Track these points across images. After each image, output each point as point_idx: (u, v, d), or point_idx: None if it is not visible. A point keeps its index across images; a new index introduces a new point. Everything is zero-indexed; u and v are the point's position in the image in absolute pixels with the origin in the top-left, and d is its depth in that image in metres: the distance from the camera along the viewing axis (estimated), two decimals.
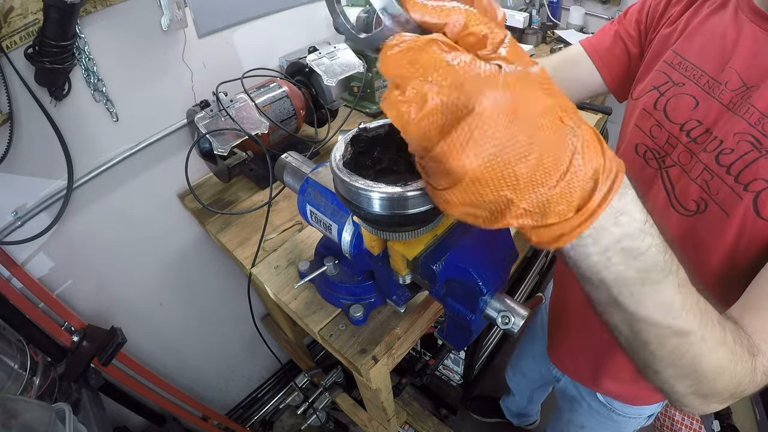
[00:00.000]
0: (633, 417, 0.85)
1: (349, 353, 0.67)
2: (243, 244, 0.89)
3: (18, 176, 0.81)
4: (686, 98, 0.53)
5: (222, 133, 0.86)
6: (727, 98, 0.49)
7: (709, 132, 0.50)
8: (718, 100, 0.50)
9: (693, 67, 0.54)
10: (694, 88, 0.53)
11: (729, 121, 0.48)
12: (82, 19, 0.78)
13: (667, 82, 0.56)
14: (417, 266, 0.50)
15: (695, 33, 0.55)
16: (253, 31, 1.11)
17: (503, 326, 0.48)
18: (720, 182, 0.48)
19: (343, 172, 0.44)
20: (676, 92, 0.55)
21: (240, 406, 1.69)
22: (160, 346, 1.26)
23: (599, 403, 0.86)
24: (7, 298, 0.80)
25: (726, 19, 0.52)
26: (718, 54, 0.51)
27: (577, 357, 0.86)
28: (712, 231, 0.50)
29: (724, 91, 0.50)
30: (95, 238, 0.98)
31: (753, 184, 0.45)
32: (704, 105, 0.52)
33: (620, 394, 0.80)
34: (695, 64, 0.53)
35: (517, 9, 1.88)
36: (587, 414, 0.91)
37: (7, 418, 0.59)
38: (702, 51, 0.53)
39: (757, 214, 0.45)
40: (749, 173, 0.45)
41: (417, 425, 1.47)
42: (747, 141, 0.46)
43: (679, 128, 0.54)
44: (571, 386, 0.93)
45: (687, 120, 0.53)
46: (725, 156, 0.48)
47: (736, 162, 0.47)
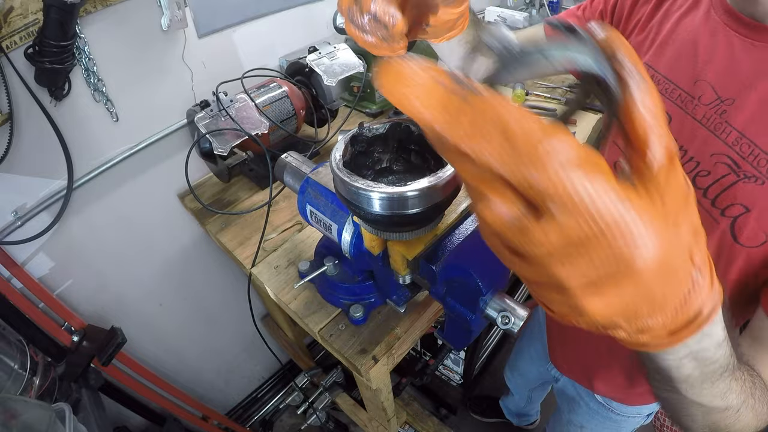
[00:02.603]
0: (632, 416, 0.85)
1: (349, 353, 0.67)
2: (243, 244, 0.89)
3: (18, 176, 0.81)
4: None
5: (222, 133, 0.86)
6: (701, 113, 0.47)
7: (684, 151, 0.48)
8: (691, 116, 0.48)
9: (665, 81, 0.51)
10: (668, 103, 0.50)
11: (705, 140, 0.46)
12: (82, 19, 0.78)
13: None
14: (417, 266, 0.50)
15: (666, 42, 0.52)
16: (253, 31, 1.11)
17: (503, 326, 0.48)
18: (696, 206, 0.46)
19: (343, 172, 0.44)
20: None
21: (240, 406, 1.69)
22: (160, 346, 1.26)
23: (597, 404, 0.86)
24: (7, 298, 0.80)
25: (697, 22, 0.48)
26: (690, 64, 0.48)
27: (574, 359, 0.86)
28: None
29: (698, 105, 0.47)
30: (95, 238, 0.98)
31: (730, 209, 0.44)
32: (677, 121, 0.49)
33: (616, 396, 0.81)
34: (667, 77, 0.51)
35: (517, 9, 1.88)
36: (586, 414, 0.92)
37: (7, 418, 0.59)
38: (674, 62, 0.50)
39: (735, 240, 0.44)
40: (726, 198, 0.44)
41: (417, 425, 1.47)
42: (724, 163, 0.44)
43: None
44: (570, 386, 0.93)
45: None
46: (702, 178, 0.46)
47: (713, 185, 0.45)
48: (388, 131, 0.50)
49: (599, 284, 0.18)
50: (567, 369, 0.91)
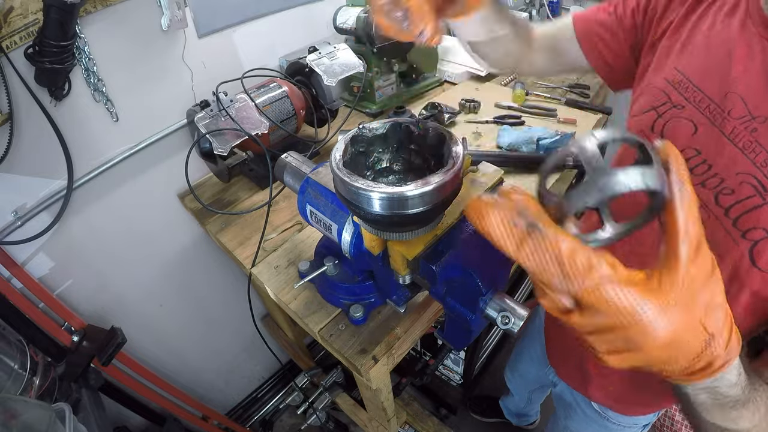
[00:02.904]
0: (628, 427, 0.83)
1: (349, 353, 0.67)
2: (243, 244, 0.89)
3: (18, 176, 0.81)
4: (685, 123, 0.48)
5: (222, 133, 0.86)
6: (729, 128, 0.44)
7: (709, 166, 0.46)
8: (719, 129, 0.45)
9: (694, 89, 0.49)
10: (695, 112, 0.48)
11: (732, 157, 0.44)
12: (82, 19, 0.78)
13: (665, 102, 0.51)
14: (417, 266, 0.50)
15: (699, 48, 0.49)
16: (253, 31, 1.11)
17: (503, 326, 0.48)
18: (717, 223, 0.45)
19: (343, 172, 0.44)
20: (675, 114, 0.50)
21: (240, 406, 1.69)
22: (160, 346, 1.26)
23: (594, 411, 0.85)
24: (7, 298, 0.80)
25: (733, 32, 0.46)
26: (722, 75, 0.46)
27: (571, 364, 0.85)
28: None
29: (727, 119, 0.45)
30: (95, 238, 0.98)
31: (752, 233, 0.42)
32: (704, 132, 0.47)
33: (614, 405, 0.79)
34: (697, 84, 0.48)
35: (517, 9, 1.88)
36: (582, 421, 0.90)
37: (7, 418, 0.59)
38: (705, 70, 0.48)
39: (753, 264, 0.43)
40: (749, 220, 0.42)
41: (417, 425, 1.47)
42: (750, 184, 0.42)
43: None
44: (567, 392, 0.92)
45: (684, 147, 0.48)
46: (724, 197, 0.44)
47: (736, 205, 0.43)
48: (388, 131, 0.50)
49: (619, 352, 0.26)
50: (564, 373, 0.90)
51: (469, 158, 0.58)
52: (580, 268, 0.24)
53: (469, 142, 1.16)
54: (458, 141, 0.47)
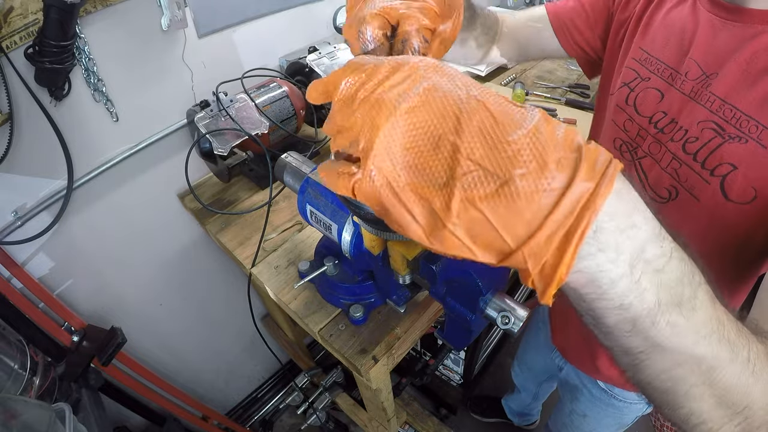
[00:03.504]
0: (634, 403, 0.84)
1: (349, 353, 0.67)
2: (243, 244, 0.89)
3: (18, 176, 0.81)
4: (652, 92, 0.56)
5: (222, 133, 0.86)
6: (688, 88, 0.51)
7: (675, 122, 0.53)
8: (680, 91, 0.52)
9: (656, 61, 0.56)
10: (659, 81, 0.55)
11: (692, 110, 0.50)
12: (82, 19, 0.78)
13: (635, 78, 0.59)
14: (417, 266, 0.50)
15: (658, 28, 0.57)
16: (253, 31, 1.11)
17: (503, 326, 0.48)
18: (688, 169, 0.50)
19: None
20: (644, 87, 0.57)
21: (240, 406, 1.69)
22: (160, 346, 1.26)
23: (600, 390, 0.86)
24: (7, 298, 0.80)
25: (685, 12, 0.54)
26: (678, 46, 0.53)
27: (575, 340, 0.86)
28: (684, 217, 0.52)
29: (685, 81, 0.52)
30: (95, 238, 0.98)
31: (719, 169, 0.47)
32: (668, 96, 0.54)
33: (616, 381, 0.80)
34: (658, 57, 0.56)
35: (517, 9, 1.88)
36: (589, 402, 0.92)
37: (7, 418, 0.59)
38: (664, 45, 0.55)
39: (726, 197, 0.47)
40: (714, 159, 0.47)
41: (417, 425, 1.47)
42: (710, 128, 0.48)
43: (648, 121, 0.57)
44: (573, 374, 0.93)
45: (654, 112, 0.56)
46: (691, 144, 0.50)
47: (702, 149, 0.49)
48: None
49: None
50: (569, 353, 0.91)
51: None
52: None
53: None
54: None
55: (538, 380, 1.32)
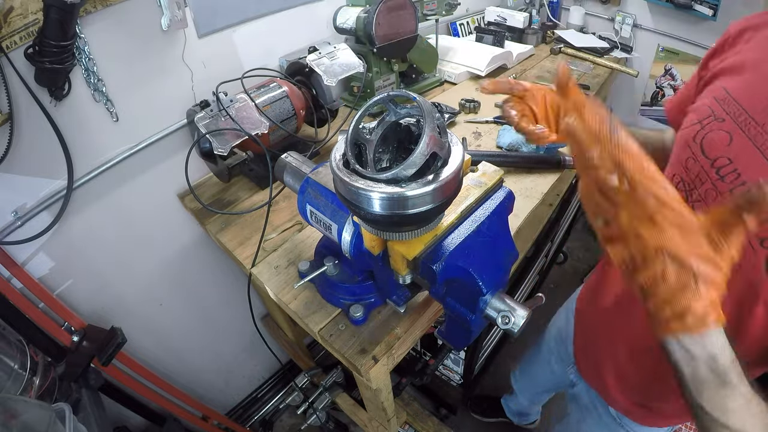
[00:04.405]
0: None
1: (349, 353, 0.67)
2: (243, 244, 0.89)
3: (18, 176, 0.81)
4: (722, 134, 0.52)
5: (222, 133, 0.86)
6: (761, 141, 0.47)
7: (738, 174, 0.49)
8: (752, 141, 0.48)
9: (735, 104, 0.52)
10: (732, 125, 0.51)
11: (760, 167, 0.46)
12: (82, 19, 0.78)
13: (709, 116, 0.55)
14: (417, 266, 0.50)
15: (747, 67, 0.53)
16: (253, 31, 1.11)
17: (503, 326, 0.48)
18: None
19: (343, 172, 0.44)
20: (715, 127, 0.53)
21: (240, 406, 1.69)
22: (160, 346, 1.26)
23: (610, 417, 0.84)
24: (7, 298, 0.80)
25: None
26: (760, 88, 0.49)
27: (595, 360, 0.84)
28: None
29: (760, 132, 0.48)
30: (95, 238, 0.98)
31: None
32: (738, 143, 0.50)
33: (631, 411, 0.79)
34: (737, 100, 0.51)
35: (517, 9, 1.88)
36: (596, 426, 0.90)
37: (7, 418, 0.59)
38: (748, 88, 0.51)
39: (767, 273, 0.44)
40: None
41: (417, 425, 1.47)
42: None
43: (710, 164, 0.53)
44: (585, 394, 0.91)
45: (719, 156, 0.51)
46: None
47: None
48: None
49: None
50: (587, 373, 0.89)
51: (469, 158, 0.58)
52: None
53: (469, 142, 1.16)
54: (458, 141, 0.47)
55: (537, 391, 1.31)
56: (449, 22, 1.81)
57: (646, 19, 1.77)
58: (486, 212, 0.53)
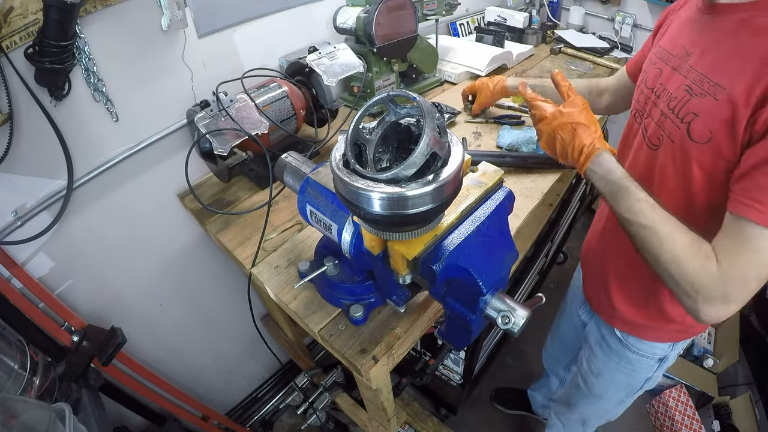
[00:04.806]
0: (645, 356, 0.92)
1: (349, 353, 0.67)
2: (243, 244, 0.89)
3: (18, 176, 0.81)
4: (655, 70, 0.75)
5: (222, 133, 0.86)
6: (675, 64, 0.69)
7: (665, 89, 0.70)
8: (671, 67, 0.70)
9: (662, 50, 0.75)
10: (661, 63, 0.74)
11: (676, 79, 0.68)
12: (82, 19, 0.78)
13: (649, 64, 0.78)
14: (417, 266, 0.50)
15: (670, 28, 0.78)
16: (253, 31, 1.11)
17: (503, 326, 0.48)
18: (669, 121, 0.67)
19: (343, 172, 0.44)
20: (651, 68, 0.76)
21: (240, 406, 1.69)
22: (160, 346, 1.26)
23: (616, 340, 0.94)
24: (7, 298, 0.80)
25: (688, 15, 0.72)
26: (677, 37, 0.72)
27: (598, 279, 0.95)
28: (667, 157, 0.68)
29: (675, 59, 0.70)
30: (95, 238, 0.98)
31: (686, 117, 0.63)
32: (664, 72, 0.72)
33: (632, 321, 0.88)
34: (663, 47, 0.75)
35: (517, 9, 1.88)
36: (604, 356, 0.99)
37: (7, 418, 0.59)
38: (670, 39, 0.75)
39: (690, 138, 0.63)
40: (684, 110, 0.64)
41: (417, 425, 1.47)
42: (684, 89, 0.65)
43: (651, 91, 0.75)
44: (595, 328, 1.01)
45: (655, 85, 0.74)
46: (672, 102, 0.67)
47: (677, 105, 0.66)
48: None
49: (538, 121, 0.75)
50: (593, 300, 1.00)
51: (469, 158, 0.58)
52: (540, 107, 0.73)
53: (469, 142, 1.16)
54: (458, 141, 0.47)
55: (567, 358, 1.35)
56: (449, 22, 1.81)
57: (646, 19, 1.78)
58: (486, 212, 0.53)
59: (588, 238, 1.05)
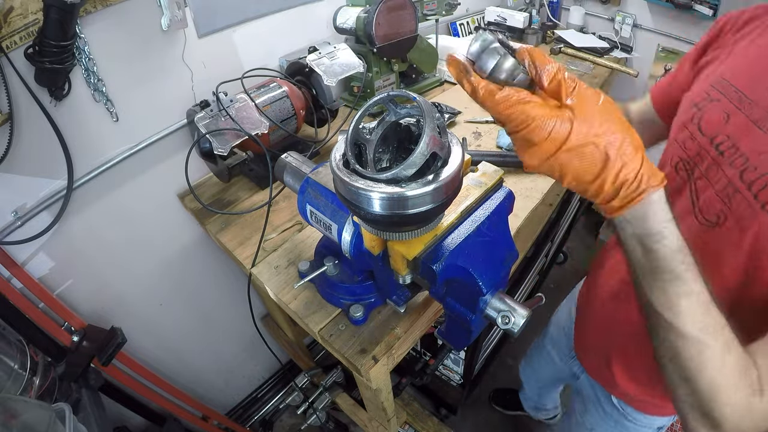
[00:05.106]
0: (643, 427, 0.84)
1: (349, 353, 0.67)
2: (243, 244, 0.89)
3: (18, 176, 0.81)
4: (719, 113, 0.54)
5: (222, 133, 0.86)
6: (756, 115, 0.50)
7: (736, 147, 0.51)
8: (747, 116, 0.51)
9: (730, 86, 0.54)
10: (728, 103, 0.53)
11: (757, 139, 0.49)
12: (82, 19, 0.78)
13: (705, 98, 0.57)
14: (417, 266, 0.50)
15: (739, 55, 0.57)
16: (253, 31, 1.11)
17: (503, 326, 0.48)
18: (741, 198, 0.49)
19: (343, 172, 0.44)
20: (711, 108, 0.56)
21: (240, 406, 1.69)
22: (160, 346, 1.26)
23: (612, 407, 0.85)
24: (7, 298, 0.80)
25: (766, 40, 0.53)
26: (755, 73, 0.52)
27: (597, 347, 0.85)
28: (728, 244, 0.51)
29: (754, 107, 0.50)
30: (95, 238, 0.98)
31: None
32: (734, 120, 0.52)
33: (634, 396, 0.79)
34: (730, 81, 0.55)
35: (517, 9, 1.88)
36: (599, 418, 0.91)
37: (7, 418, 0.59)
38: (741, 71, 0.54)
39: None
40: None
41: (417, 425, 1.47)
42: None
43: (709, 141, 0.55)
44: (588, 386, 0.93)
45: (717, 134, 0.54)
46: (748, 173, 0.49)
47: (758, 180, 0.47)
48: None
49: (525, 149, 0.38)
50: (589, 362, 0.91)
51: (469, 158, 0.58)
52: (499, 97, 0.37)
53: (469, 142, 1.16)
54: (458, 141, 0.47)
55: (541, 384, 1.32)
56: (449, 22, 1.81)
57: (646, 19, 1.78)
58: (486, 212, 0.53)
59: (588, 287, 0.89)
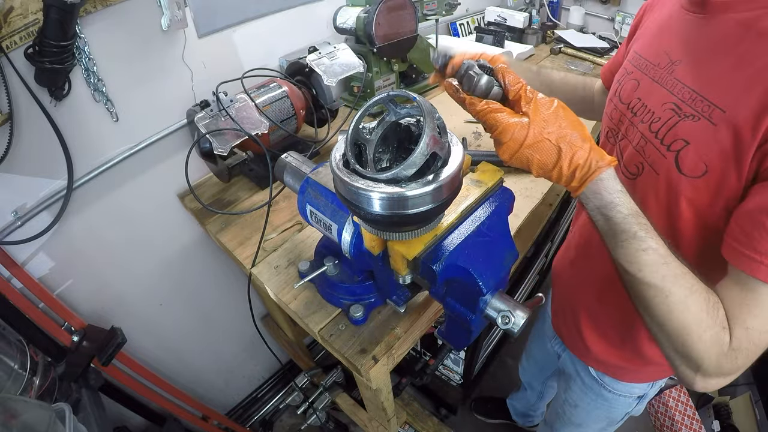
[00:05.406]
0: (622, 395, 0.86)
1: (349, 353, 0.67)
2: (243, 244, 0.89)
3: (18, 176, 0.81)
4: (632, 82, 0.63)
5: (222, 133, 0.86)
6: (658, 75, 0.58)
7: (645, 105, 0.59)
8: (651, 78, 0.59)
9: (640, 58, 0.64)
10: (638, 72, 0.63)
11: (658, 93, 0.57)
12: (82, 19, 0.78)
13: (624, 73, 0.67)
14: (417, 266, 0.50)
15: (648, 29, 0.66)
16: (253, 31, 1.11)
17: (503, 326, 0.48)
18: (651, 147, 0.56)
19: (343, 172, 0.44)
20: (627, 79, 0.65)
21: (240, 406, 1.69)
22: (160, 346, 1.26)
23: (591, 378, 0.89)
24: (7, 298, 0.80)
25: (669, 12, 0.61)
26: (658, 42, 0.61)
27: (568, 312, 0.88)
28: (648, 190, 0.57)
29: (656, 70, 0.59)
30: (95, 238, 0.98)
31: (674, 144, 0.52)
32: (643, 84, 0.61)
33: (606, 362, 0.81)
34: (641, 54, 0.64)
35: (517, 9, 1.88)
36: (580, 391, 0.94)
37: (7, 418, 0.59)
38: (648, 43, 0.64)
39: (679, 171, 0.52)
40: (671, 135, 0.53)
41: (417, 425, 1.47)
42: (670, 109, 0.54)
43: (626, 107, 0.63)
44: (569, 362, 0.96)
45: (630, 99, 0.62)
46: (655, 124, 0.56)
47: (662, 127, 0.54)
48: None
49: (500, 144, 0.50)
50: (565, 336, 0.93)
51: (469, 158, 0.58)
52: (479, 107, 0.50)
53: (469, 142, 1.16)
54: (458, 141, 0.47)
55: (543, 375, 1.33)
56: (449, 22, 1.81)
57: None
58: (486, 212, 0.53)
59: (561, 254, 0.93)
